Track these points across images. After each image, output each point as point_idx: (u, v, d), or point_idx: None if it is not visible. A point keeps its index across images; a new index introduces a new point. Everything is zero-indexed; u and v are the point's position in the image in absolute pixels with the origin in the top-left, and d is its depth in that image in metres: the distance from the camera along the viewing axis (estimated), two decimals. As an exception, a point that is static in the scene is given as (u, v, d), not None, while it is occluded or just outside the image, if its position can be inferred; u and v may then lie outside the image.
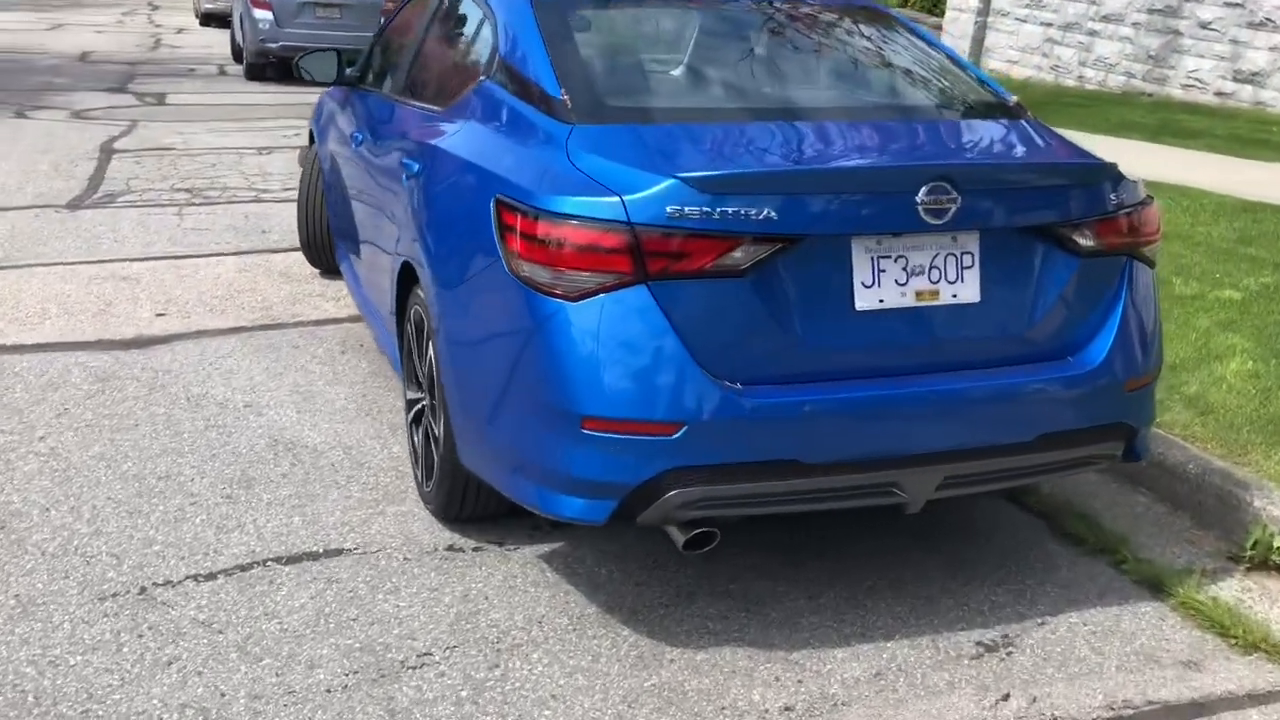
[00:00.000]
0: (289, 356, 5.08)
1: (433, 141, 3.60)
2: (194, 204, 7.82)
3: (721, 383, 2.83)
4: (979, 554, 3.63)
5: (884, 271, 2.93)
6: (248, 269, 6.36)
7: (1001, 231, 3.03)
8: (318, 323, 5.53)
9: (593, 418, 2.80)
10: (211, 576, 3.39)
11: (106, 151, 9.60)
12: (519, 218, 2.88)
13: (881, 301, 2.93)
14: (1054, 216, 3.05)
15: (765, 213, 2.76)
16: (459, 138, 3.47)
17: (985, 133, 3.34)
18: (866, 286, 2.92)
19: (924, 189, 2.86)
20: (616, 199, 2.77)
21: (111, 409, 4.50)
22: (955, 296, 3.00)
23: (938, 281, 2.98)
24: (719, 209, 2.75)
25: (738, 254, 2.78)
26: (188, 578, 3.38)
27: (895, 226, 2.90)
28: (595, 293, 2.78)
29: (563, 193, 2.83)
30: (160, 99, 12.71)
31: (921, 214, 2.87)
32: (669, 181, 2.76)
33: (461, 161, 3.30)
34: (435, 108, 3.90)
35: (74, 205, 7.69)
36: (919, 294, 2.97)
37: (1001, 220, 3.00)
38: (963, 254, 3.00)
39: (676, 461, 2.81)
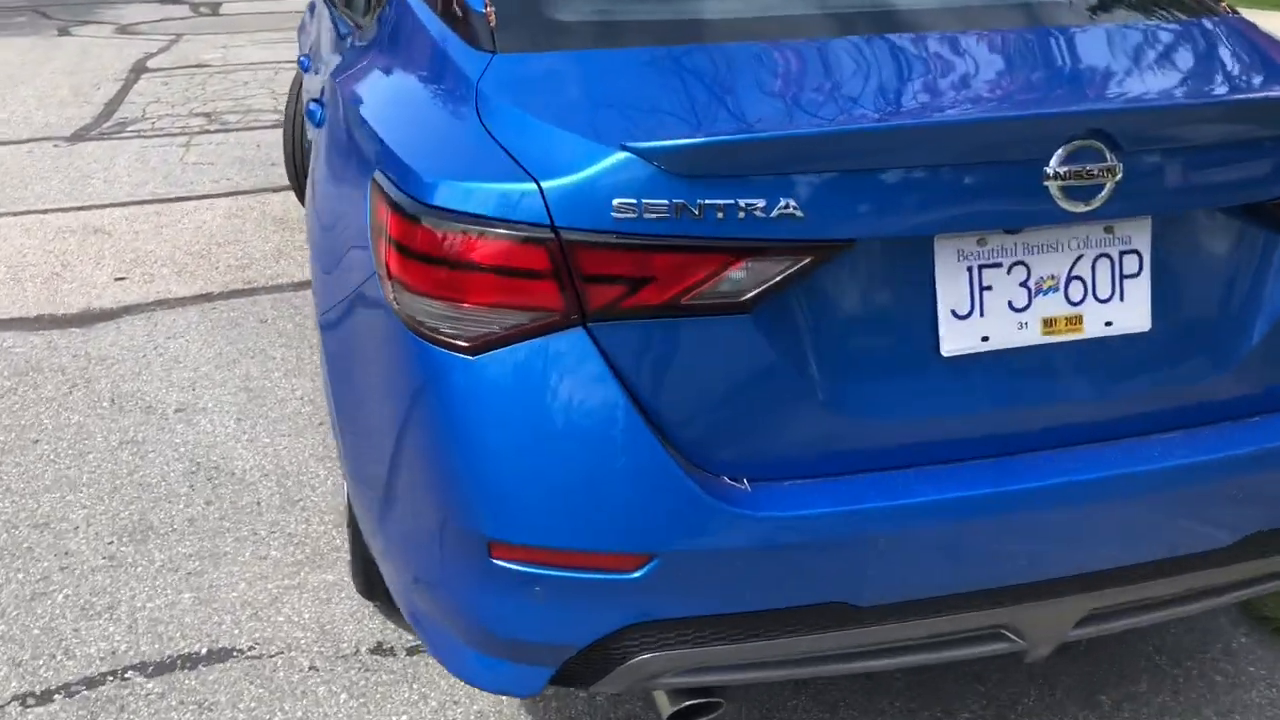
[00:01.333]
0: (251, 336, 4.12)
1: (338, 79, 2.51)
2: (208, 130, 6.90)
3: (714, 482, 1.73)
4: (1125, 657, 2.49)
5: (989, 289, 1.77)
6: (238, 214, 5.40)
7: (1190, 216, 1.84)
8: (296, 286, 4.55)
9: (506, 544, 1.73)
10: (45, 698, 2.45)
11: (137, 71, 8.74)
12: (391, 216, 1.79)
13: (986, 340, 1.78)
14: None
15: (784, 206, 1.63)
16: (361, 73, 2.37)
17: (1162, 49, 2.09)
18: (959, 316, 1.77)
19: (1059, 154, 1.68)
20: (532, 187, 1.66)
21: (15, 417, 3.60)
22: (1110, 324, 1.82)
23: (1080, 301, 1.81)
24: (703, 201, 1.62)
25: (737, 275, 1.66)
26: (12, 699, 2.45)
27: (1009, 219, 1.73)
28: (504, 341, 1.69)
29: (455, 175, 1.72)
30: (215, 8, 11.81)
31: (1055, 195, 1.69)
32: (616, 156, 1.63)
33: (353, 114, 2.20)
34: (359, 23, 2.79)
35: (77, 137, 6.83)
36: (1049, 323, 1.81)
37: (1191, 197, 1.80)
38: (1123, 255, 1.82)
39: (645, 612, 1.74)
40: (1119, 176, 1.70)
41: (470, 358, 1.70)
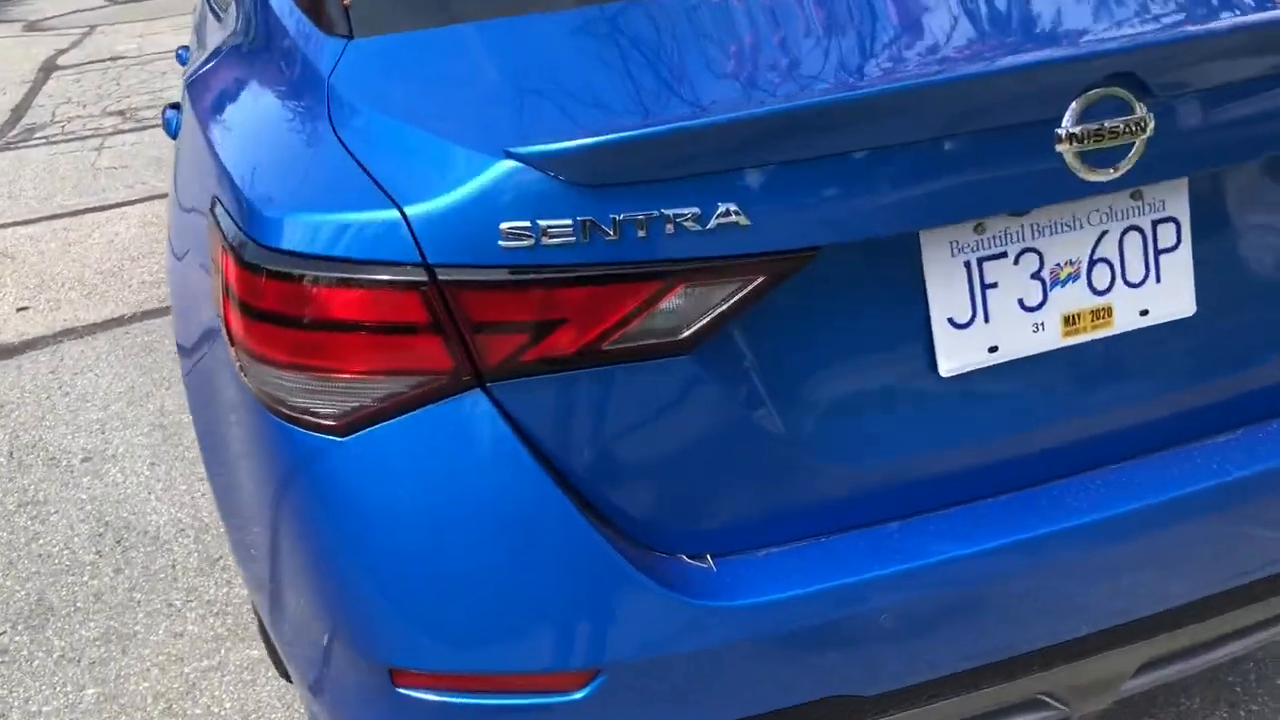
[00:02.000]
0: (166, 362, 3.72)
1: (188, 81, 2.10)
2: (122, 130, 6.44)
3: (669, 564, 1.36)
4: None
5: (994, 288, 1.40)
6: (154, 221, 4.97)
7: (1235, 170, 1.46)
8: (216, 302, 4.14)
9: (412, 671, 1.36)
10: (-78, 840, 2.09)
11: (46, 70, 8.23)
12: (229, 263, 1.40)
13: (994, 351, 1.41)
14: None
15: (723, 213, 1.24)
16: (211, 73, 1.96)
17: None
18: (959, 325, 1.39)
19: (1074, 109, 1.29)
20: (395, 215, 1.26)
21: (-100, 484, 3.21)
22: (1146, 313, 1.45)
23: (1108, 289, 1.44)
24: (618, 217, 1.23)
25: (672, 307, 1.28)
26: (-117, 847, 2.09)
27: (1015, 199, 1.34)
28: (380, 415, 1.31)
29: (301, 207, 1.32)
30: (132, -7, 11.22)
31: (1070, 163, 1.31)
32: (500, 166, 1.24)
33: (197, 124, 1.79)
34: (219, 12, 2.37)
35: (-19, 149, 6.36)
36: (1071, 320, 1.43)
37: (1237, 148, 1.41)
38: (1156, 225, 1.44)
39: (592, 738, 1.37)
40: (1150, 131, 1.32)
41: (340, 439, 1.32)
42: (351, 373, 1.30)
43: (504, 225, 1.23)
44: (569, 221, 1.23)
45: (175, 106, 2.32)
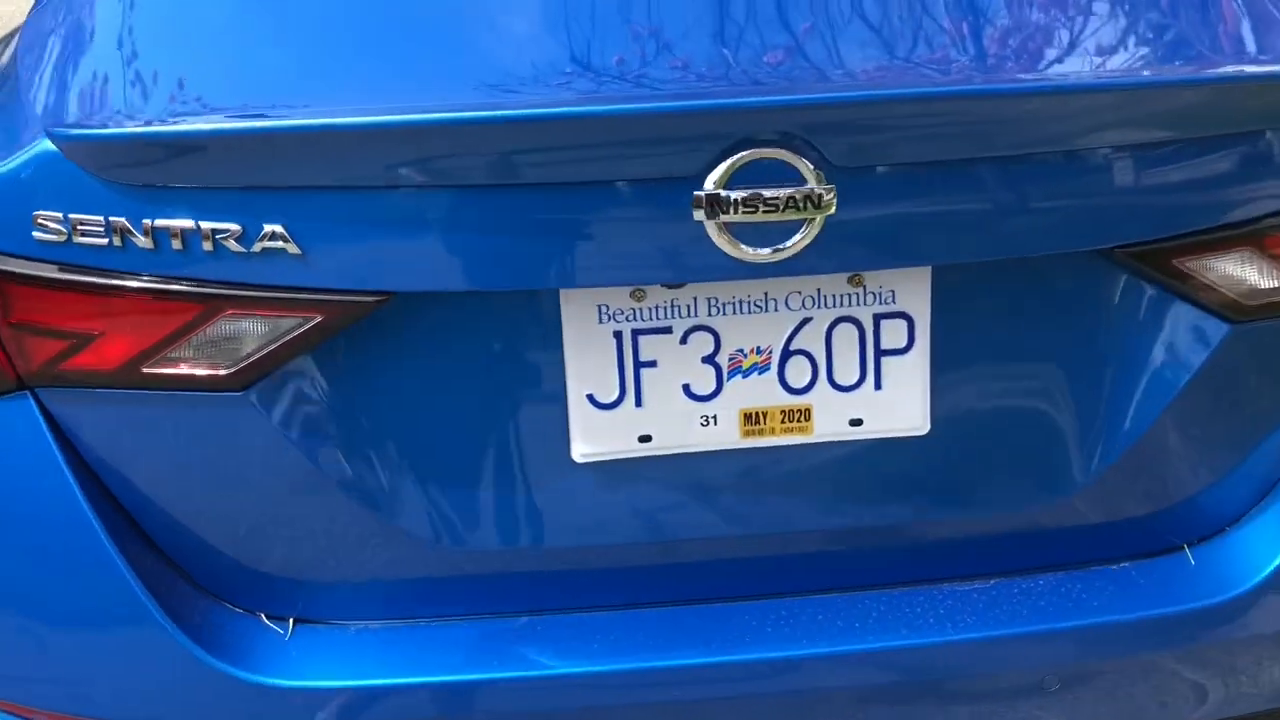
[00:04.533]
0: None
1: None
2: None
3: (235, 620, 1.20)
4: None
5: (651, 367, 1.16)
6: None
7: (994, 273, 1.17)
8: None
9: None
10: None
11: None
12: None
13: (647, 441, 1.17)
14: (1156, 223, 1.15)
15: (269, 237, 1.04)
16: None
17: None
18: (601, 405, 1.16)
19: (719, 170, 1.03)
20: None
21: None
22: (859, 423, 1.19)
23: (806, 389, 1.18)
24: (152, 222, 1.05)
25: (217, 336, 1.09)
26: None
27: (658, 268, 1.09)
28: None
29: None
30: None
31: (712, 234, 1.06)
32: (37, 146, 1.07)
33: None
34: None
35: None
36: (754, 419, 1.18)
37: (974, 245, 1.13)
38: (880, 321, 1.17)
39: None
40: (831, 209, 1.05)
41: None
42: None
43: (37, 213, 1.07)
44: (100, 219, 1.06)
45: None
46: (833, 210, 1.05)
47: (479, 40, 1.14)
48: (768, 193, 1.03)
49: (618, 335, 1.15)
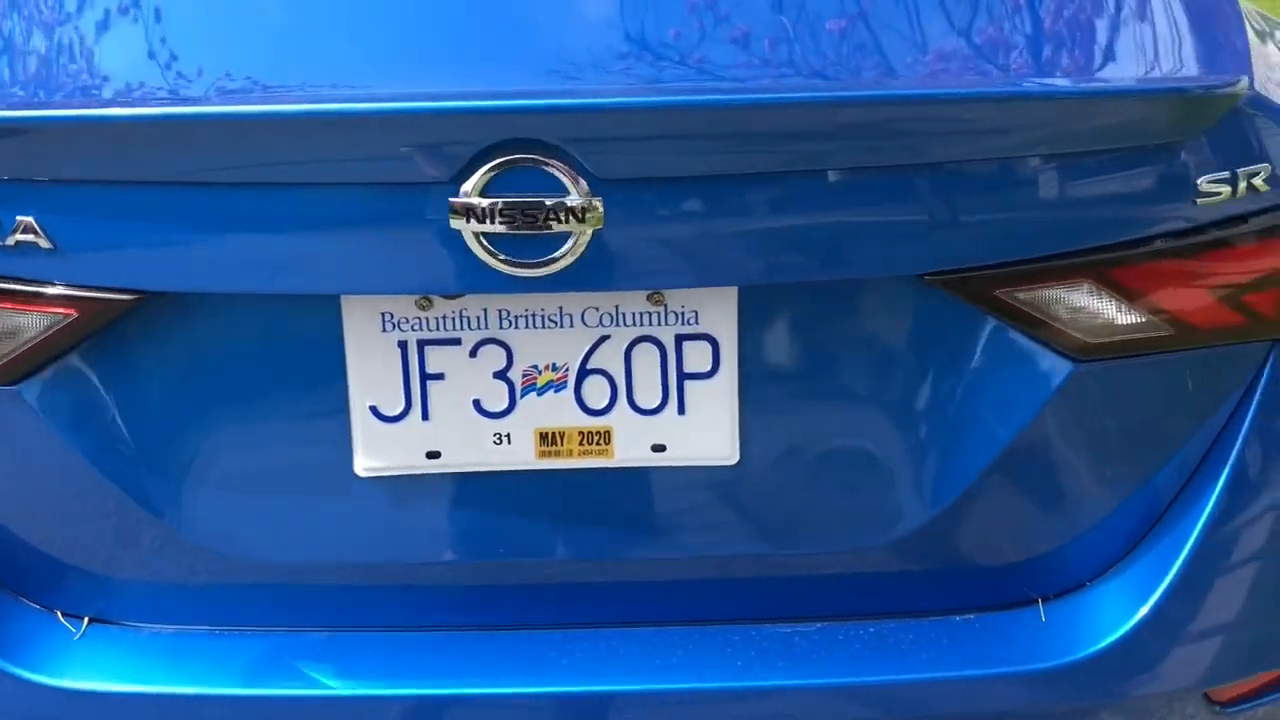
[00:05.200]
0: None
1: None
2: None
3: (27, 614, 1.18)
4: None
5: (438, 380, 1.11)
6: None
7: (809, 286, 1.09)
8: None
9: None
10: None
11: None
12: None
13: (435, 457, 1.12)
14: (983, 248, 1.06)
15: (21, 230, 1.02)
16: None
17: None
18: (386, 418, 1.11)
19: (477, 176, 0.98)
20: None
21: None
22: (662, 450, 1.13)
23: (605, 410, 1.12)
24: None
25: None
26: None
27: (427, 278, 1.04)
28: None
29: None
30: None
31: (470, 244, 1.00)
32: None
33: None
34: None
35: None
36: (550, 439, 1.12)
37: (782, 265, 1.05)
38: (683, 341, 1.10)
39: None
40: (599, 222, 0.99)
41: None
42: None
43: None
44: None
45: None
46: (600, 225, 0.99)
47: (241, 37, 1.11)
48: (527, 203, 0.98)
49: (403, 345, 1.10)
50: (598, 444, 1.13)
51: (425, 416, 1.12)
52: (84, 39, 1.12)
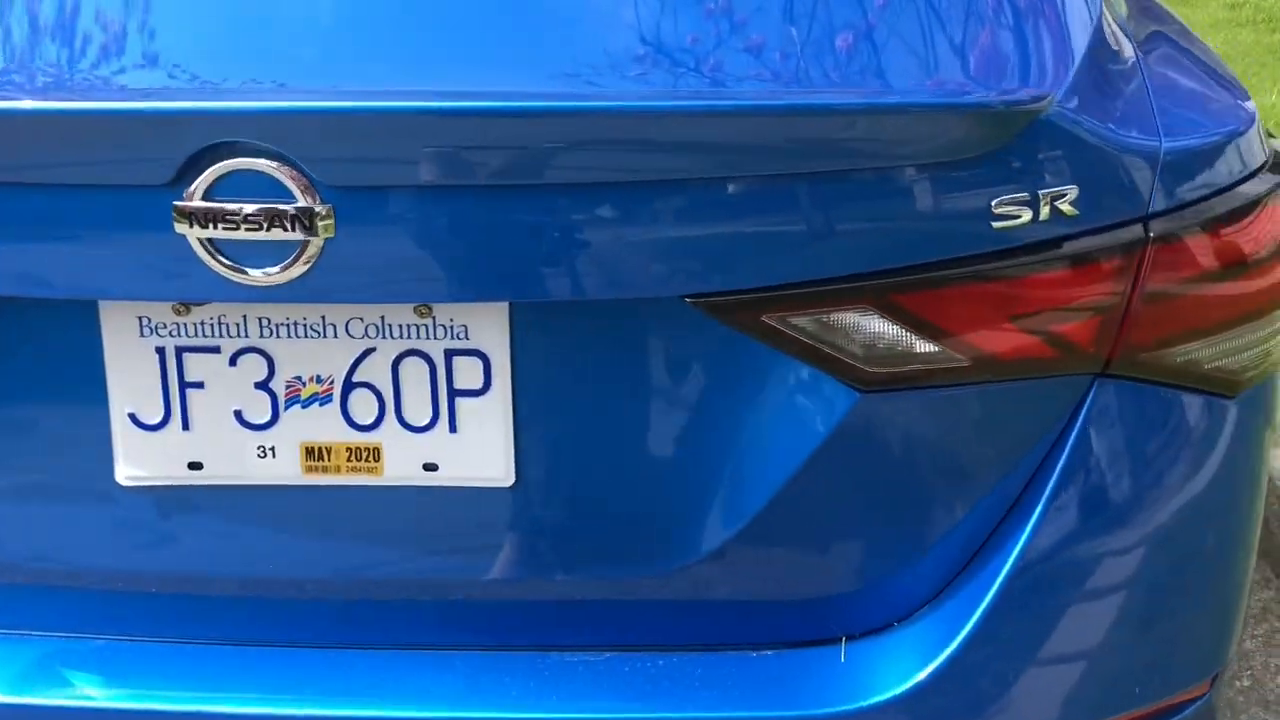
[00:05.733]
0: None
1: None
2: None
3: None
4: None
5: (198, 388, 1.07)
6: None
7: (583, 305, 1.03)
8: None
9: None
10: None
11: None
12: None
13: (197, 469, 1.08)
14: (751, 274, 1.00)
15: None
16: None
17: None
18: (145, 426, 1.07)
19: (202, 179, 0.93)
20: None
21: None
22: (434, 469, 1.08)
23: (373, 426, 1.07)
24: None
25: None
26: None
27: (160, 286, 0.99)
28: None
29: None
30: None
31: (197, 250, 0.96)
32: None
33: None
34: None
35: None
36: (316, 454, 1.07)
37: (544, 282, 0.99)
38: (452, 357, 1.05)
39: None
40: (329, 229, 0.94)
41: None
42: None
43: None
44: None
45: None
46: (333, 234, 0.94)
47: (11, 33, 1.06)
48: (249, 209, 0.93)
49: (161, 351, 1.06)
50: (367, 461, 1.08)
51: (186, 426, 1.07)
52: None
